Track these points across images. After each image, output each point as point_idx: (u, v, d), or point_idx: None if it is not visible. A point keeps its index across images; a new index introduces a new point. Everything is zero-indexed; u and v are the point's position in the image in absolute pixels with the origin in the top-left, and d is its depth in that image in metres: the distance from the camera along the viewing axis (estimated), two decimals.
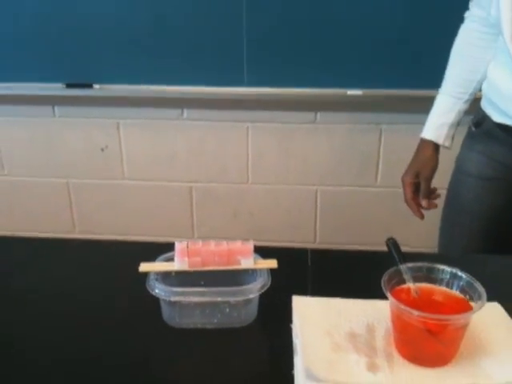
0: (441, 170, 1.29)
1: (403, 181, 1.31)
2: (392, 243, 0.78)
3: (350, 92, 1.81)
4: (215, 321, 0.79)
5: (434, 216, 1.32)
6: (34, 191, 2.16)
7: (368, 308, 0.81)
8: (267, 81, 1.82)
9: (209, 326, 0.79)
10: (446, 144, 1.27)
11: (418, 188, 1.29)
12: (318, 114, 1.95)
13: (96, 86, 1.88)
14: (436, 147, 1.29)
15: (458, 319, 0.69)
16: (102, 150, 2.08)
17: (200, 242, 0.79)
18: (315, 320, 0.79)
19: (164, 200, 2.12)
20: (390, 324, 0.75)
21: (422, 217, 1.29)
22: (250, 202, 2.09)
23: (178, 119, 2.00)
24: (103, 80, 1.88)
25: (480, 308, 0.68)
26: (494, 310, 0.82)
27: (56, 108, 2.04)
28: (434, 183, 1.30)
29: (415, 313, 0.67)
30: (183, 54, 1.80)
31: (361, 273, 0.89)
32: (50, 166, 2.11)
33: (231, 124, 1.98)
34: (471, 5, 1.22)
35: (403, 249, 0.79)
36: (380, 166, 2.00)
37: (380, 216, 2.04)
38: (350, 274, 0.92)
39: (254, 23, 1.75)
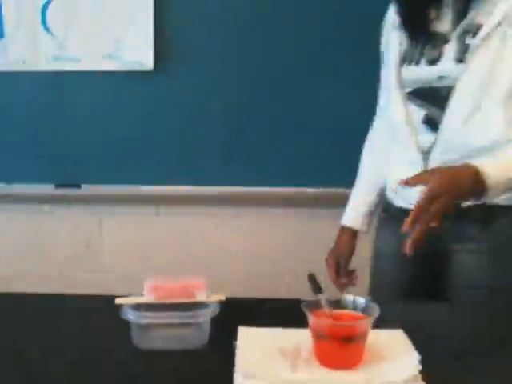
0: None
1: (326, 262, 1.49)
2: (311, 277, 1.01)
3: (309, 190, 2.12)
4: (175, 342, 0.99)
5: None
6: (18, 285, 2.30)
7: (298, 333, 1.00)
8: (234, 180, 2.12)
9: (169, 347, 0.99)
10: (363, 229, 1.48)
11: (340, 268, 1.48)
12: (280, 210, 2.21)
13: (84, 186, 2.15)
14: (353, 232, 1.49)
15: (357, 324, 0.92)
16: (87, 245, 2.29)
17: (164, 280, 1.01)
18: (254, 341, 0.99)
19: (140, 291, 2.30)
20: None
21: (342, 292, 1.41)
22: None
23: (155, 215, 2.25)
24: (87, 180, 2.16)
25: (374, 319, 0.91)
26: (397, 334, 1.03)
27: (45, 206, 2.26)
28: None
29: (326, 321, 0.90)
30: (158, 160, 2.13)
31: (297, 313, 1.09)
32: (36, 263, 2.27)
33: (201, 218, 2.23)
34: (377, 110, 1.49)
35: None
36: None
37: None
38: (287, 311, 1.12)
39: (223, 132, 2.09)
